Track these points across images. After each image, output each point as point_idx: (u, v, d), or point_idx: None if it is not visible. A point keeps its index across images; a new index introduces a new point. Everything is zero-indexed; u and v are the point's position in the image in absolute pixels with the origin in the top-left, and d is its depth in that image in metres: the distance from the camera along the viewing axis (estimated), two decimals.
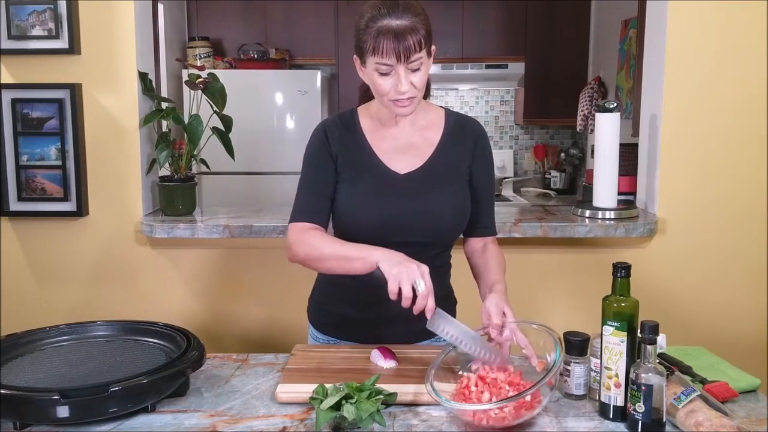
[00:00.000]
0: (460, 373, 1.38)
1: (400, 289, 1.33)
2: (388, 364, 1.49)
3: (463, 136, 1.64)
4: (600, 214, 2.33)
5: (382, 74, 1.45)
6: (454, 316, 1.77)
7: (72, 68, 2.31)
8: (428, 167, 1.60)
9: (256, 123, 4.14)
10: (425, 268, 1.34)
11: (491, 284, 1.54)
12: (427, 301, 1.33)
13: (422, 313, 1.35)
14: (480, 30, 4.45)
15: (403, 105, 1.49)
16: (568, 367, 1.36)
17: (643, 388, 1.20)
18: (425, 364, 1.49)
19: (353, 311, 1.66)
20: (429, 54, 1.49)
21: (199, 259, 2.42)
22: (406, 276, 1.33)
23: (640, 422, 1.21)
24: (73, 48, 2.27)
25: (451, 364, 1.40)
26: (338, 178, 1.60)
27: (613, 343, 1.27)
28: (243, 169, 3.92)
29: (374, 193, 1.58)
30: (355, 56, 1.53)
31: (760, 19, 2.24)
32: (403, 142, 1.61)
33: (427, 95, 1.68)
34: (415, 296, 1.33)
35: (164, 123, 2.50)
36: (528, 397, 1.22)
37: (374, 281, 1.39)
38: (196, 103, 2.36)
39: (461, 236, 1.70)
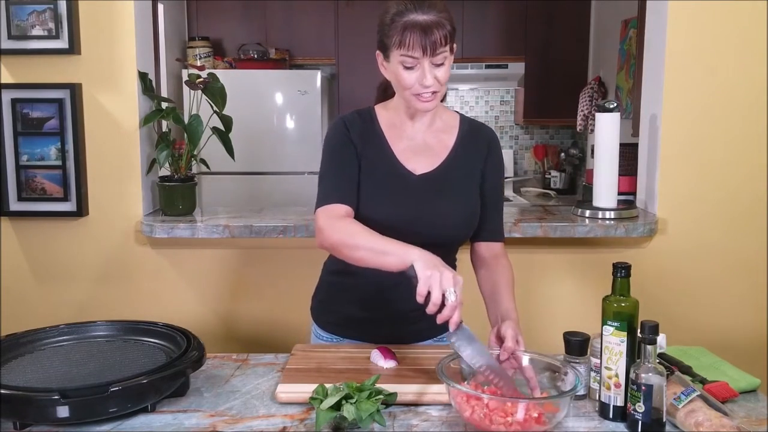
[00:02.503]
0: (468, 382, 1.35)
1: (429, 294, 1.27)
2: (388, 364, 1.49)
3: (476, 140, 1.65)
4: (600, 214, 2.33)
5: (407, 68, 1.47)
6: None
7: (72, 68, 2.31)
8: (443, 170, 1.61)
9: (256, 123, 4.14)
10: (460, 279, 1.29)
11: (505, 311, 1.53)
12: (453, 313, 1.27)
13: (426, 314, 1.31)
14: (480, 30, 4.46)
15: (426, 100, 1.50)
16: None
17: (643, 388, 1.20)
18: (425, 364, 1.49)
19: (356, 310, 1.67)
20: (452, 51, 1.50)
21: (199, 259, 2.42)
22: (438, 282, 1.27)
23: (640, 422, 1.21)
24: (73, 48, 2.27)
25: (457, 366, 1.38)
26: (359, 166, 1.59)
27: (613, 343, 1.27)
28: (243, 169, 3.92)
29: (389, 191, 1.59)
30: (377, 51, 1.54)
31: (760, 19, 2.24)
32: (418, 142, 1.62)
33: (443, 98, 1.69)
34: (443, 305, 1.27)
35: (164, 123, 2.50)
36: (543, 409, 1.20)
37: (405, 280, 1.34)
38: (196, 103, 2.36)
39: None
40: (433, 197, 1.58)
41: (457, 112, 1.71)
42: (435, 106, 1.53)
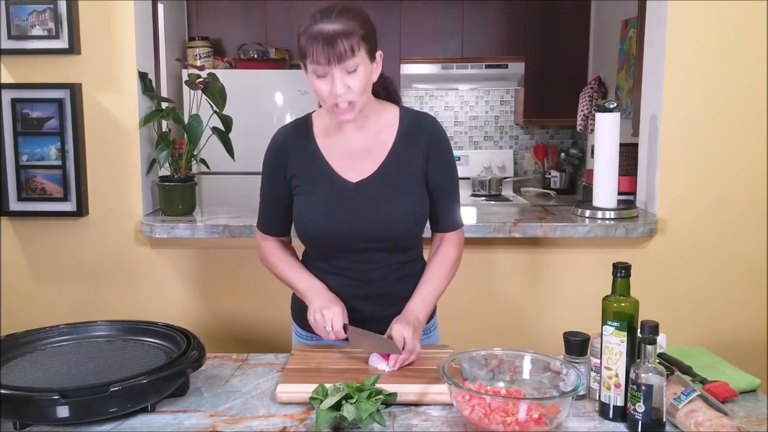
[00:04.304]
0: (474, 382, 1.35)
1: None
2: (390, 367, 1.48)
3: (416, 137, 1.62)
4: (600, 214, 2.33)
5: (319, 77, 1.47)
6: (434, 313, 1.78)
7: (72, 68, 2.31)
8: (381, 173, 1.60)
9: (256, 123, 4.14)
10: (335, 312, 1.52)
11: (409, 305, 1.60)
12: (336, 336, 1.52)
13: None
14: (480, 30, 4.45)
15: (342, 111, 1.49)
16: None
17: (643, 388, 1.20)
18: (424, 365, 1.49)
19: None
20: (372, 58, 1.50)
21: (199, 259, 2.42)
22: (320, 324, 1.52)
23: (640, 422, 1.21)
24: (73, 48, 2.27)
25: (458, 365, 1.38)
26: (294, 191, 1.63)
27: (613, 343, 1.27)
28: (243, 169, 3.90)
29: (326, 203, 1.59)
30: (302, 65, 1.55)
31: (760, 19, 2.24)
32: (356, 147, 1.61)
33: (395, 99, 1.69)
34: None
35: (164, 123, 2.50)
36: (547, 407, 1.21)
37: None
38: (196, 103, 2.36)
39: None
40: (373, 204, 1.58)
41: (398, 106, 1.67)
42: (355, 116, 1.52)
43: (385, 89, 1.67)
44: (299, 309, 1.74)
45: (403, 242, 1.64)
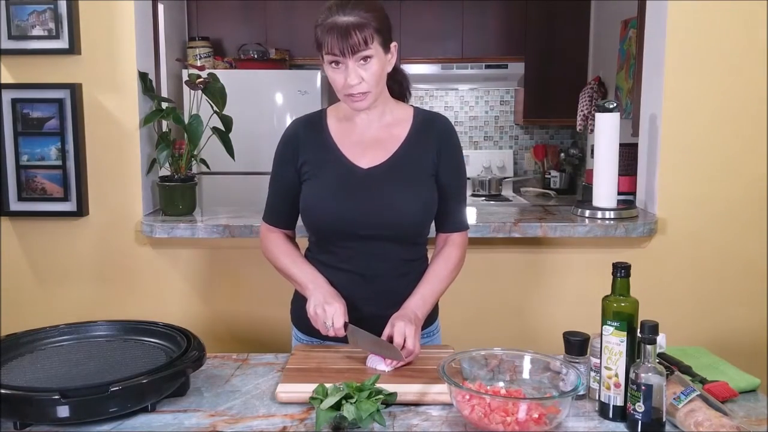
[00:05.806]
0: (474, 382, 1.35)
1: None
2: (390, 367, 1.48)
3: (429, 132, 1.65)
4: (600, 214, 2.33)
5: (334, 67, 1.51)
6: (437, 315, 1.78)
7: (72, 68, 2.31)
8: (392, 162, 1.62)
9: (256, 123, 4.14)
10: (337, 308, 1.51)
11: (408, 302, 1.60)
12: (336, 333, 1.52)
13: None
14: (480, 30, 4.45)
15: (357, 99, 1.53)
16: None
17: (643, 387, 1.20)
18: (425, 364, 1.49)
19: None
20: (385, 50, 1.53)
21: (199, 259, 2.42)
22: (320, 320, 1.52)
23: (639, 422, 1.21)
24: (73, 48, 2.27)
25: (458, 365, 1.38)
26: (303, 177, 1.65)
27: (613, 343, 1.27)
28: (243, 169, 3.91)
29: (336, 187, 1.61)
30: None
31: (760, 19, 2.24)
32: (369, 138, 1.64)
33: (404, 96, 1.72)
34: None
35: (164, 123, 2.50)
36: (543, 409, 1.21)
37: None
38: (196, 103, 2.36)
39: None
40: (382, 190, 1.59)
41: (412, 106, 1.71)
42: (369, 105, 1.55)
43: (398, 83, 1.71)
44: (299, 313, 1.74)
45: (410, 233, 1.64)
